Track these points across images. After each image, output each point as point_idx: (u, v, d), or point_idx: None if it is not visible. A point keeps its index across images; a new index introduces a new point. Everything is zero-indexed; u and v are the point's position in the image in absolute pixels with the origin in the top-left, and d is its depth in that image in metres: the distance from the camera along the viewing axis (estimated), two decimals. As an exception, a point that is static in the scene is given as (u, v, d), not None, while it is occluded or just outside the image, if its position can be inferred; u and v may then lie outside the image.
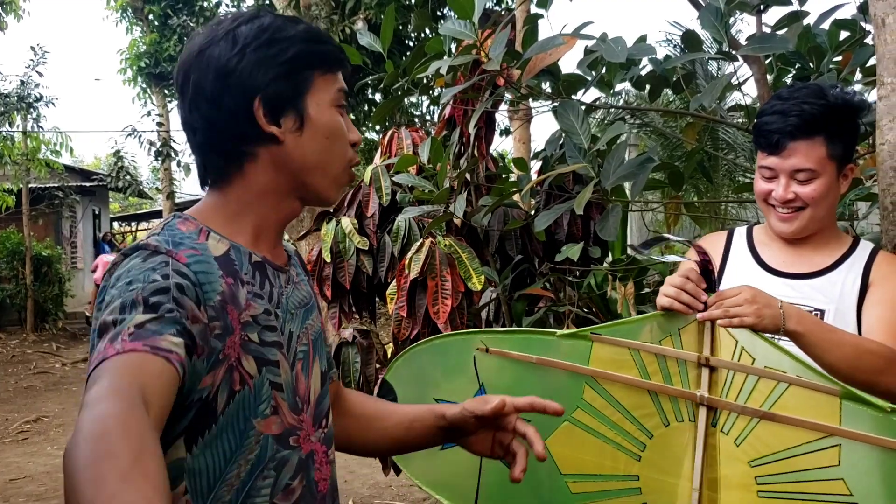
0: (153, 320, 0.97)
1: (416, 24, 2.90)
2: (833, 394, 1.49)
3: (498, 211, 3.22)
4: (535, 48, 2.40)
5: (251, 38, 1.15)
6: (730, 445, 1.59)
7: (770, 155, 1.78)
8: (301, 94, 1.18)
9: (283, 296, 1.23)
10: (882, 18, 2.02)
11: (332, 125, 1.21)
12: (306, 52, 1.19)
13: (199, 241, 1.13)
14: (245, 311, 1.12)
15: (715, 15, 2.44)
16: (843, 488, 1.47)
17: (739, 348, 1.60)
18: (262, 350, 1.14)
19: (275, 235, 1.26)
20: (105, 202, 21.53)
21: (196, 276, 1.06)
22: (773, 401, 1.55)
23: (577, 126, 2.47)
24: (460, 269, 2.82)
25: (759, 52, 2.45)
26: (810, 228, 1.81)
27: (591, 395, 1.73)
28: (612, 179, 2.38)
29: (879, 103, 2.03)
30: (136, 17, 14.54)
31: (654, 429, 1.69)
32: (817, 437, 1.50)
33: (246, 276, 1.15)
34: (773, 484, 1.54)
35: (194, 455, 1.07)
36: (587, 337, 1.74)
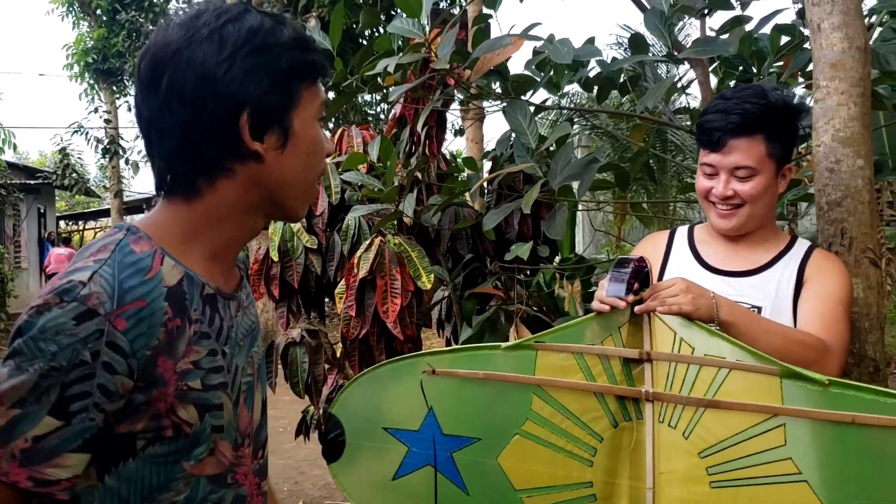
0: (58, 431, 0.92)
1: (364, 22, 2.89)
2: (772, 374, 1.52)
3: (449, 210, 3.23)
4: (482, 48, 2.42)
5: (241, 41, 1.05)
6: (679, 439, 1.61)
7: (711, 152, 1.83)
8: (289, 109, 1.10)
9: (233, 328, 1.15)
10: (818, 24, 2.08)
11: (314, 141, 1.14)
12: (298, 61, 1.10)
13: (151, 275, 1.01)
14: (184, 358, 1.03)
15: (659, 18, 2.48)
16: (792, 467, 1.50)
17: (678, 340, 1.62)
18: (206, 396, 1.06)
19: (232, 256, 1.18)
20: (51, 200, 21.04)
21: (131, 345, 0.96)
22: (716, 388, 1.57)
23: (524, 126, 2.49)
24: (410, 267, 2.83)
25: (701, 55, 2.50)
26: (749, 226, 1.86)
27: (539, 404, 1.73)
28: (559, 179, 2.41)
29: (815, 106, 2.08)
30: (84, 12, 14.25)
31: (604, 431, 1.69)
32: (762, 419, 1.53)
33: (195, 312, 1.06)
34: (724, 473, 1.56)
35: (106, 484, 1.02)
36: (531, 346, 1.74)
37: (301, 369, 3.16)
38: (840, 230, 2.01)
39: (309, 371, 3.17)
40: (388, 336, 2.88)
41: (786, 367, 1.51)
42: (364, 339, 2.88)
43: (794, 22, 2.91)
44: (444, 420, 1.82)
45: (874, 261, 2.02)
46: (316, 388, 3.25)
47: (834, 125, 2.03)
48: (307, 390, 3.21)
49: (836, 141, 2.03)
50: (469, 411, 1.82)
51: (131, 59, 13.63)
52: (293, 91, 1.10)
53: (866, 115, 2.05)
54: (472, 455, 1.80)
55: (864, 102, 2.04)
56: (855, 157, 2.02)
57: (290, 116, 1.10)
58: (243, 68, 1.05)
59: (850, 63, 2.03)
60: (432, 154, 3.21)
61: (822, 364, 1.66)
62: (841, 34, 2.04)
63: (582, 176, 2.41)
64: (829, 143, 2.03)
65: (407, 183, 2.97)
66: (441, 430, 1.83)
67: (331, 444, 1.92)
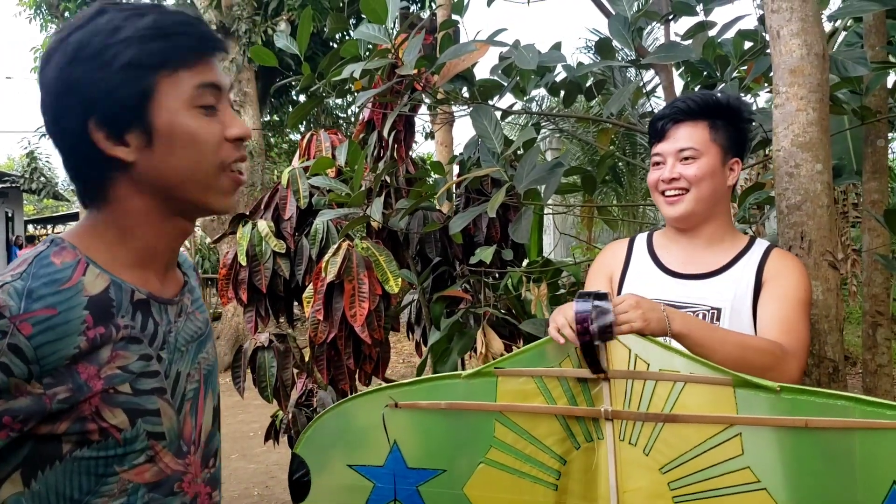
0: None
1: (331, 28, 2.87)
2: (726, 384, 1.54)
3: (418, 214, 3.24)
4: (447, 54, 2.43)
5: (82, 45, 1.01)
6: (640, 456, 1.61)
7: (658, 142, 1.89)
8: (144, 104, 1.03)
9: (172, 333, 1.13)
10: (777, 31, 2.11)
11: (186, 130, 1.05)
12: (145, 52, 1.02)
13: (68, 286, 1.00)
14: (109, 363, 1.01)
15: (623, 24, 2.51)
16: (751, 476, 1.51)
17: (633, 356, 1.62)
18: (137, 401, 1.04)
19: (166, 261, 1.15)
20: (19, 204, 20.77)
21: (36, 352, 0.95)
22: (673, 402, 1.58)
23: (490, 131, 2.51)
24: (377, 271, 2.83)
25: (663, 61, 2.53)
26: (697, 212, 1.88)
27: (502, 431, 1.72)
28: (524, 183, 2.42)
29: (775, 112, 2.12)
30: (51, 14, 14.08)
31: (567, 454, 1.68)
32: (719, 430, 1.53)
33: (123, 319, 1.04)
34: (685, 486, 1.56)
35: (33, 491, 1.00)
36: (491, 373, 1.72)
37: (269, 374, 3.16)
38: (800, 234, 2.04)
39: (277, 375, 3.17)
40: (356, 340, 2.88)
41: (738, 376, 1.53)
42: (332, 343, 2.88)
43: (756, 27, 2.95)
44: (409, 453, 1.80)
45: (833, 263, 2.05)
46: (285, 393, 3.24)
47: (793, 130, 2.06)
48: (276, 394, 3.20)
49: (795, 146, 2.06)
50: (433, 443, 1.79)
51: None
52: (145, 84, 1.02)
53: (825, 120, 2.08)
54: (437, 487, 1.78)
55: (822, 108, 2.07)
56: (814, 162, 2.05)
57: (147, 111, 1.03)
58: (81, 75, 1.01)
59: (808, 69, 2.07)
60: (400, 158, 3.21)
61: (780, 369, 1.68)
62: (800, 41, 2.08)
63: (547, 180, 2.42)
64: (789, 147, 2.07)
65: (375, 187, 2.97)
66: (406, 463, 1.81)
67: (296, 484, 1.87)
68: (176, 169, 1.06)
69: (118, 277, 1.06)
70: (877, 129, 2.96)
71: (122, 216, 1.08)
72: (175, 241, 1.14)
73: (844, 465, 1.45)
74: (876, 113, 2.86)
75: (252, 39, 10.54)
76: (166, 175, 1.06)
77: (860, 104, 2.77)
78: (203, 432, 1.18)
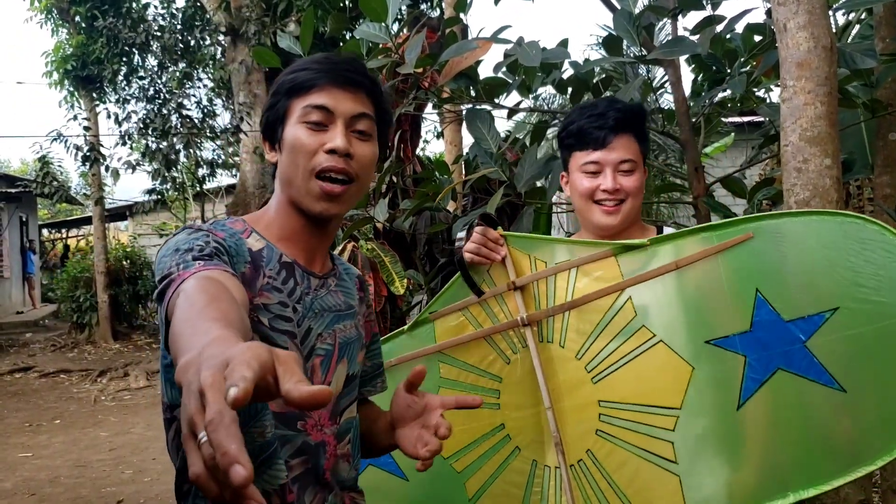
0: (207, 259, 1.16)
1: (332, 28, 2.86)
2: (608, 256, 1.70)
3: (425, 214, 3.22)
4: (450, 52, 2.40)
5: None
6: (559, 351, 1.73)
7: (595, 150, 1.86)
8: (282, 122, 1.35)
9: (310, 296, 1.36)
10: (784, 24, 2.08)
11: (292, 139, 1.33)
12: (284, 83, 1.36)
13: (241, 237, 1.32)
14: (258, 297, 1.27)
15: (628, 20, 2.47)
16: (648, 333, 1.65)
17: (533, 259, 1.78)
18: (271, 335, 1.26)
19: (305, 244, 1.39)
20: (33, 209, 20.89)
21: (229, 248, 1.26)
22: (572, 290, 1.72)
23: (485, 133, 2.48)
24: (383, 272, 2.81)
25: (669, 56, 2.50)
26: (627, 221, 1.88)
27: (445, 370, 1.87)
28: (524, 181, 2.39)
29: (783, 106, 2.08)
30: (62, 19, 14.10)
31: (501, 371, 1.81)
32: (612, 300, 1.68)
33: (270, 271, 1.31)
34: (598, 364, 1.68)
35: None
36: (427, 319, 1.89)
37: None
38: (809, 229, 2.00)
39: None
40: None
41: (615, 243, 1.69)
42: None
43: (765, 21, 2.91)
44: None
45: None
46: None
47: (801, 125, 2.03)
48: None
49: (803, 140, 2.02)
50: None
51: (110, 66, 13.49)
52: (282, 107, 1.36)
53: (833, 114, 2.04)
54: None
55: (830, 101, 2.04)
56: (822, 157, 2.01)
57: (283, 127, 1.35)
58: (266, 104, 1.40)
59: (815, 62, 2.03)
60: (407, 158, 3.19)
61: None
62: (806, 34, 2.04)
63: (544, 174, 2.40)
64: (797, 142, 2.03)
65: (379, 188, 2.95)
66: None
67: None
68: (284, 169, 1.36)
69: (272, 243, 1.35)
70: (888, 122, 2.91)
71: (275, 203, 1.40)
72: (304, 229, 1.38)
73: (716, 289, 1.59)
74: (887, 106, 2.81)
75: (261, 41, 10.53)
76: (281, 174, 1.37)
77: (871, 97, 2.73)
78: (332, 389, 1.34)
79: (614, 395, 1.65)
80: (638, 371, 1.63)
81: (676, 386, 1.59)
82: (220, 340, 0.82)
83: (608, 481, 1.64)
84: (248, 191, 11.00)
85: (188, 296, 1.01)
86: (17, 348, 14.36)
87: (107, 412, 9.12)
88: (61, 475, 6.41)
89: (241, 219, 1.39)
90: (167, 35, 13.10)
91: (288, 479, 1.27)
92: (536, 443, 1.75)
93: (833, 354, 1.45)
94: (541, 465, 1.75)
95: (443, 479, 1.84)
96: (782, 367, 1.49)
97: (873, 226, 1.46)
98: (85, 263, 15.92)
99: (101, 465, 6.71)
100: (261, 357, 0.72)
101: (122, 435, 7.79)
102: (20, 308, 19.18)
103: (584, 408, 1.69)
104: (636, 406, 1.63)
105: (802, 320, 1.48)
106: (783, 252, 1.54)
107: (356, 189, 1.37)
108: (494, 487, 1.80)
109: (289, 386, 0.72)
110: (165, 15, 13.93)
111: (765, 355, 1.51)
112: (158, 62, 13.95)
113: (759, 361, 1.51)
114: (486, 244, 1.83)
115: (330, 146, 1.31)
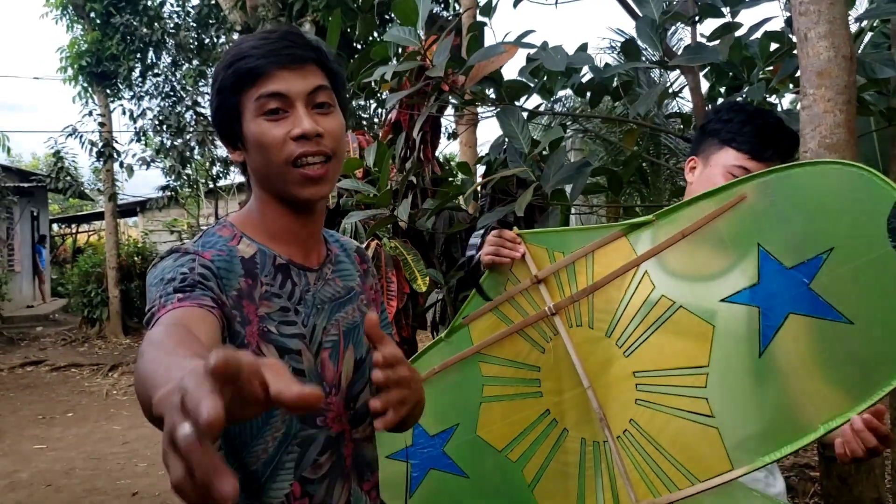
0: (188, 291, 1.16)
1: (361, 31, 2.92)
2: (619, 237, 1.80)
3: (444, 214, 3.27)
4: (477, 56, 2.46)
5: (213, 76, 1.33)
6: (588, 332, 1.84)
7: (752, 159, 1.91)
8: (238, 120, 1.29)
9: (309, 293, 1.36)
10: (805, 33, 2.13)
11: (255, 136, 1.28)
12: (229, 78, 1.28)
13: (230, 245, 1.30)
14: (260, 307, 1.27)
15: (650, 27, 2.53)
16: (668, 301, 1.74)
17: (552, 253, 1.88)
18: (283, 340, 1.28)
19: (295, 238, 1.37)
20: (44, 203, 21.01)
21: (218, 270, 1.24)
22: (591, 274, 1.83)
23: (518, 132, 2.54)
24: (405, 270, 2.87)
25: (691, 63, 2.55)
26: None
27: (486, 368, 1.96)
28: (551, 183, 2.45)
29: (802, 113, 2.13)
30: (77, 15, 14.19)
31: (538, 361, 1.90)
32: (630, 277, 1.78)
33: (266, 277, 1.30)
34: (628, 339, 1.78)
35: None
36: (461, 324, 1.99)
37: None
38: (826, 234, 2.06)
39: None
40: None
41: (623, 224, 1.80)
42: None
43: (783, 29, 2.96)
44: (426, 424, 2.01)
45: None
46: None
47: (820, 132, 2.08)
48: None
49: (822, 147, 2.07)
50: (441, 405, 2.00)
51: (126, 62, 13.58)
52: (234, 104, 1.29)
53: (851, 121, 2.09)
54: (457, 441, 1.99)
55: (849, 110, 2.09)
56: (840, 163, 2.06)
57: (241, 125, 1.30)
58: (213, 103, 1.34)
59: (835, 71, 2.08)
60: (427, 159, 3.25)
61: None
62: (827, 43, 2.09)
63: (574, 179, 2.45)
64: (816, 149, 2.08)
65: (402, 187, 3.01)
66: (428, 433, 2.02)
67: None
68: (258, 165, 1.31)
69: (264, 245, 1.33)
70: (903, 130, 2.96)
71: (256, 202, 1.37)
72: (294, 224, 1.36)
73: (722, 250, 1.68)
74: (903, 114, 2.85)
75: (276, 40, 10.62)
76: (256, 170, 1.33)
77: (887, 105, 2.77)
78: (343, 378, 1.38)
79: (647, 364, 1.75)
80: (665, 338, 1.73)
81: (702, 345, 1.68)
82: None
83: (654, 445, 1.73)
84: (261, 188, 11.09)
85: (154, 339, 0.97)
86: (28, 342, 14.47)
87: (119, 406, 9.20)
88: (76, 467, 6.49)
89: (229, 222, 1.36)
90: (182, 33, 13.20)
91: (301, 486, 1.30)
92: (582, 422, 1.85)
93: (836, 291, 1.53)
94: (589, 442, 1.84)
95: (501, 471, 1.94)
96: (793, 311, 1.58)
97: (851, 168, 1.55)
98: (96, 258, 16.03)
99: (114, 457, 6.79)
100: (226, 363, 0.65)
101: (134, 429, 7.86)
102: (31, 302, 19.30)
103: (621, 381, 1.78)
104: (668, 371, 1.72)
105: (803, 265, 1.56)
106: (775, 206, 1.63)
107: (336, 164, 1.32)
108: (550, 470, 1.90)
109: (279, 386, 0.69)
110: (181, 13, 14.03)
111: (775, 303, 1.60)
112: (172, 59, 14.05)
113: (771, 310, 1.60)
114: (504, 245, 1.92)
115: (297, 132, 1.26)
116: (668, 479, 1.71)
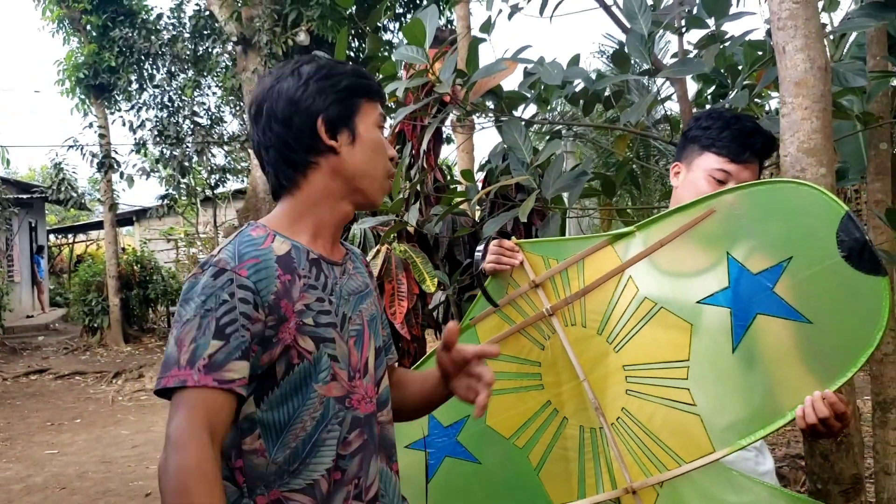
0: (222, 349, 1.30)
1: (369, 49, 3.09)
2: (605, 245, 2.01)
3: (447, 218, 3.45)
4: (480, 73, 2.64)
5: (312, 73, 1.47)
6: (582, 331, 2.04)
7: (732, 162, 2.09)
8: (352, 116, 1.48)
9: (338, 285, 1.50)
10: (783, 46, 2.30)
11: (376, 141, 1.51)
12: (355, 83, 1.49)
13: (264, 247, 1.41)
14: (299, 301, 1.39)
15: (640, 41, 2.71)
16: (650, 303, 1.93)
17: (545, 259, 2.10)
18: (318, 331, 1.41)
19: (330, 235, 1.52)
20: (42, 214, 21.12)
21: (255, 285, 1.35)
22: (582, 279, 2.03)
23: (519, 142, 2.71)
24: (415, 272, 3.04)
25: (679, 75, 2.73)
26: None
27: (493, 364, 2.10)
28: (552, 190, 2.63)
29: (783, 120, 2.31)
30: (74, 28, 14.31)
31: (538, 357, 2.11)
32: (616, 282, 1.99)
33: (303, 271, 1.43)
34: (617, 336, 1.98)
35: (263, 410, 1.38)
36: (468, 325, 2.20)
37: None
38: (805, 232, 2.23)
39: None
40: (395, 336, 3.09)
41: (609, 234, 2.00)
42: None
43: (765, 38, 3.13)
44: (441, 416, 2.18)
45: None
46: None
47: (798, 137, 2.25)
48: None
49: (800, 151, 2.24)
50: (453, 399, 2.13)
51: (124, 74, 13.73)
52: (354, 103, 1.49)
53: (828, 127, 2.27)
54: (469, 430, 2.19)
55: (825, 117, 2.26)
56: (818, 166, 2.23)
57: (354, 121, 1.48)
58: (315, 89, 1.46)
59: (812, 81, 2.25)
60: (430, 167, 3.43)
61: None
62: (804, 55, 2.26)
63: (572, 187, 2.63)
64: (795, 153, 2.25)
65: (410, 195, 3.19)
66: (442, 424, 2.21)
67: None
68: (364, 163, 1.50)
69: (297, 241, 1.46)
70: (879, 133, 3.14)
71: (310, 195, 1.49)
72: (340, 222, 1.54)
73: (697, 257, 1.90)
74: (878, 118, 3.04)
75: (273, 50, 10.77)
76: (357, 166, 1.49)
77: (863, 110, 2.96)
78: (368, 364, 1.53)
79: (635, 358, 1.95)
80: (649, 335, 1.93)
81: (682, 342, 1.87)
82: None
83: (644, 431, 1.92)
84: (259, 196, 11.24)
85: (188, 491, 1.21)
86: (31, 351, 14.59)
87: (125, 412, 9.34)
88: (88, 470, 6.64)
89: (261, 224, 1.48)
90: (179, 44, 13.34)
91: (336, 461, 1.43)
92: (580, 411, 2.04)
93: (796, 294, 1.73)
94: (587, 429, 2.04)
95: (509, 456, 2.13)
96: (760, 311, 1.77)
97: (804, 187, 1.76)
98: (96, 268, 16.15)
99: (125, 460, 6.94)
100: None
101: (142, 433, 8.01)
102: (30, 312, 19.40)
103: (613, 374, 1.98)
104: (654, 364, 1.92)
105: (767, 271, 1.76)
106: (741, 219, 1.83)
107: None
108: (553, 454, 2.09)
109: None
110: (176, 24, 14.16)
111: (745, 305, 1.79)
112: (169, 70, 14.19)
113: (741, 310, 1.79)
114: (504, 253, 2.12)
115: (392, 154, 1.56)
116: (658, 461, 1.90)
